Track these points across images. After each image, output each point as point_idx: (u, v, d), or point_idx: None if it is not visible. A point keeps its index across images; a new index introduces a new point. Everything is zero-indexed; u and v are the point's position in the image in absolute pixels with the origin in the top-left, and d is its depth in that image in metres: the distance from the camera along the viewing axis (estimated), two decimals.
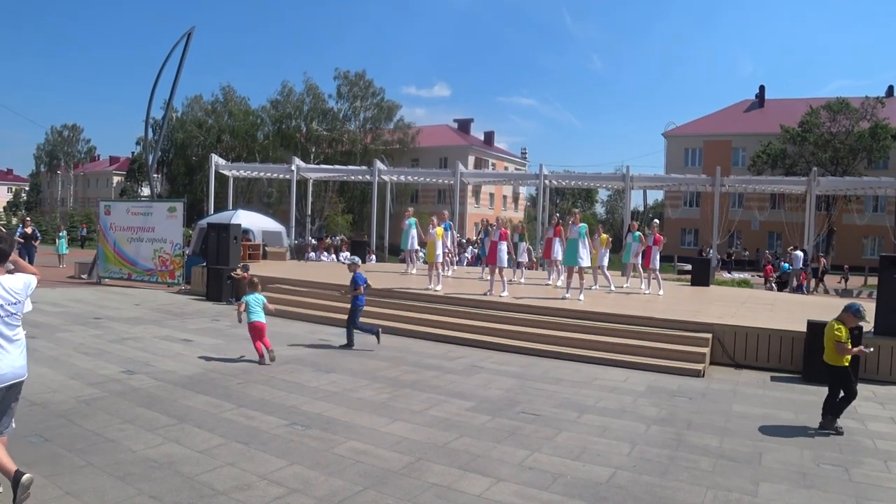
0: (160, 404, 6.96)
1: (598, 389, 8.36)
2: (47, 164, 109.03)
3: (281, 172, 37.86)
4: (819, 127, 48.92)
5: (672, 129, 60.60)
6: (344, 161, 60.13)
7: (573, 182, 39.83)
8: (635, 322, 11.16)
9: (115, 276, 20.47)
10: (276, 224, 26.55)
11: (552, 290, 15.29)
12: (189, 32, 23.19)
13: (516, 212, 77.43)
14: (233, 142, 70.50)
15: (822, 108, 49.44)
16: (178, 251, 19.19)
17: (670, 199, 56.39)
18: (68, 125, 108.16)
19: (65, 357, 9.24)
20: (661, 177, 40.22)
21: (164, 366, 8.86)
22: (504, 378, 8.82)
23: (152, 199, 31.29)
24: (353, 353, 10.34)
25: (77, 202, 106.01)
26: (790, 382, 9.34)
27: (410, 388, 8.06)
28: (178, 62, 23.96)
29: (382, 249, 34.17)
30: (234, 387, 7.81)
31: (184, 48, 23.33)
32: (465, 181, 38.28)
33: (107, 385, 7.68)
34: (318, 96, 68.40)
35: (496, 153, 76.93)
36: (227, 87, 74.81)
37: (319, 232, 42.37)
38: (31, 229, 20.79)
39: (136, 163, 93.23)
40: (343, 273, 18.55)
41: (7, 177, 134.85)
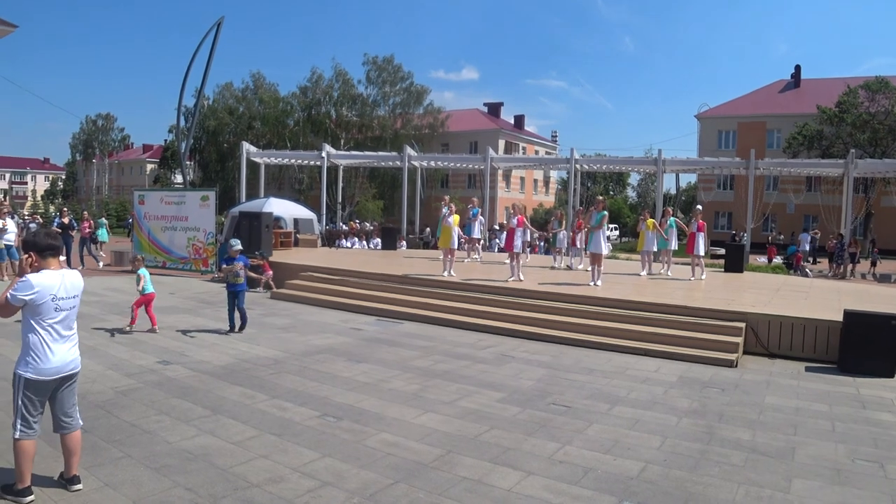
0: (195, 395, 7.08)
1: (630, 380, 8.32)
2: (82, 153, 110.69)
3: (311, 159, 38.06)
4: (857, 107, 47.73)
5: (705, 111, 59.67)
6: (374, 146, 60.26)
7: (604, 166, 39.50)
8: (667, 311, 11.07)
9: (150, 265, 20.68)
10: (307, 211, 26.74)
11: (583, 277, 15.20)
12: (219, 22, 23.41)
13: (547, 195, 77.04)
14: (263, 129, 70.94)
15: (861, 87, 48.20)
16: (211, 239, 19.42)
17: (703, 183, 55.62)
18: (102, 114, 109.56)
19: (102, 347, 9.42)
20: (693, 160, 39.64)
21: (198, 356, 9.00)
22: (535, 368, 8.82)
23: (185, 186, 31.73)
24: (386, 342, 10.40)
25: (112, 190, 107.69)
26: (825, 373, 9.21)
27: (441, 378, 8.09)
28: (209, 52, 24.19)
29: (413, 234, 34.23)
30: (267, 377, 7.91)
31: (214, 38, 23.54)
32: (495, 166, 38.20)
33: (143, 376, 7.82)
34: (347, 82, 68.49)
35: (526, 137, 76.48)
36: (257, 73, 75.18)
37: (350, 217, 42.53)
38: (69, 219, 21.11)
39: (168, 150, 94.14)
40: (373, 260, 18.79)
41: (44, 166, 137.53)
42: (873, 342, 9.17)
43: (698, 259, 15.94)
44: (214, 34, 23.51)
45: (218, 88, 74.34)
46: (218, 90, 74.12)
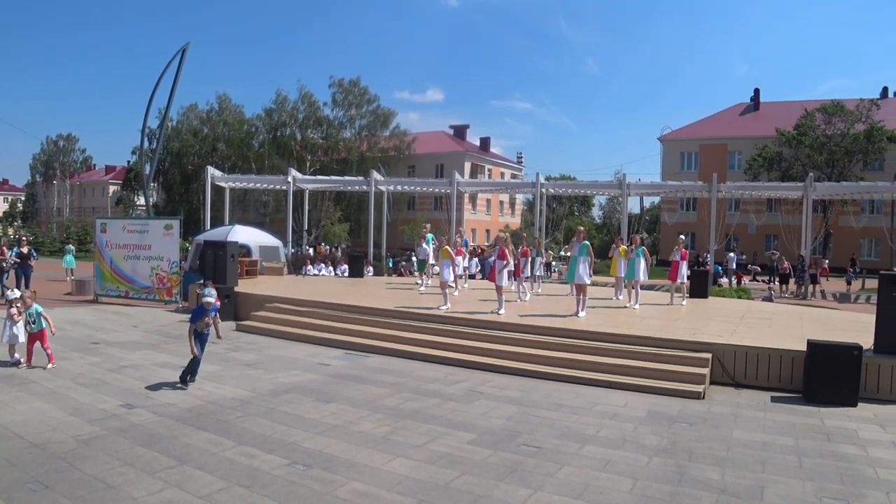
0: (160, 443, 6.93)
1: (599, 416, 8.34)
2: (43, 174, 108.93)
3: (277, 184, 37.87)
4: (814, 130, 49.02)
5: (668, 134, 60.72)
6: (340, 169, 60.24)
7: (569, 190, 39.89)
8: (635, 342, 11.14)
9: (113, 294, 20.43)
10: (272, 238, 26.53)
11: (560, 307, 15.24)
12: (184, 48, 23.24)
13: (513, 217, 77.52)
14: (228, 150, 70.65)
15: (817, 110, 49.55)
16: (175, 269, 19.16)
17: (666, 204, 56.51)
18: (63, 135, 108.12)
19: (63, 390, 9.19)
20: (657, 184, 40.26)
21: (163, 398, 8.83)
22: (504, 405, 8.80)
23: (148, 209, 31.30)
24: (354, 378, 10.31)
25: (73, 212, 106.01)
26: (791, 403, 9.34)
27: (411, 418, 8.02)
28: (174, 76, 24.01)
29: (380, 259, 34.14)
30: (234, 421, 7.78)
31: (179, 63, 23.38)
32: (461, 190, 38.33)
33: (106, 422, 7.64)
34: (312, 104, 68.50)
35: (492, 159, 77.04)
36: (223, 95, 74.85)
37: (317, 241, 42.31)
38: (27, 249, 20.67)
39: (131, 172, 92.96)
40: (341, 289, 18.65)
41: (3, 187, 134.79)
42: (836, 372, 9.34)
43: (683, 285, 16.94)
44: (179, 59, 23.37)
45: (182, 109, 73.91)
46: (182, 111, 73.70)
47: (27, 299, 10.64)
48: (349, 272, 25.36)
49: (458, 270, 18.06)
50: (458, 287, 18.29)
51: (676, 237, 18.11)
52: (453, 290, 17.49)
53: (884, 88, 58.65)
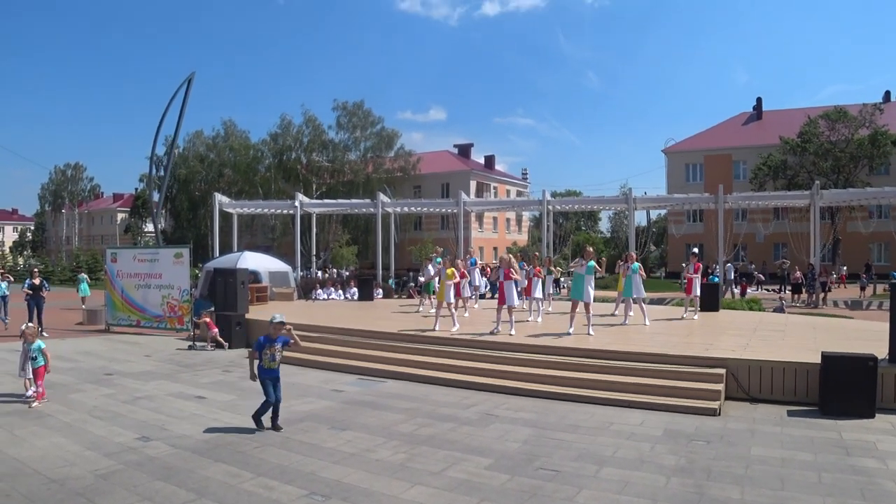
0: (178, 476, 6.93)
1: (615, 436, 8.32)
2: (52, 203, 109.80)
3: (284, 208, 38.04)
4: (818, 136, 49.03)
5: (672, 146, 60.81)
6: (346, 191, 60.52)
7: (576, 206, 39.95)
8: (648, 360, 11.13)
9: (124, 323, 20.55)
10: (281, 264, 26.63)
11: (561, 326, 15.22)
12: (190, 78, 23.49)
13: (520, 234, 77.56)
14: (234, 176, 71.09)
15: (821, 117, 49.60)
16: (186, 297, 19.24)
17: (673, 216, 56.49)
18: (71, 164, 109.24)
19: (79, 423, 9.22)
20: (663, 197, 40.28)
21: (179, 429, 8.84)
22: (520, 427, 8.78)
23: (157, 236, 31.54)
24: (369, 404, 10.31)
25: (82, 240, 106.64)
26: (807, 417, 9.28)
27: (427, 444, 8.01)
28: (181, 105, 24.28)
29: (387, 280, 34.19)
30: (251, 451, 7.79)
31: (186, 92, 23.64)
32: (468, 209, 38.40)
33: (123, 455, 7.65)
34: (317, 128, 69.01)
35: (497, 176, 77.22)
36: (228, 121, 75.62)
37: (325, 264, 42.43)
38: (39, 280, 20.77)
39: (139, 199, 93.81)
40: (351, 314, 18.68)
41: (12, 217, 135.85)
42: (852, 384, 9.29)
43: (696, 299, 17.06)
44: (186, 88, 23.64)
45: (189, 136, 74.51)
46: (189, 138, 74.34)
47: (28, 335, 10.60)
48: (359, 295, 25.40)
49: (467, 292, 18.07)
50: (468, 308, 18.29)
51: (685, 249, 18.24)
52: (463, 311, 17.50)
53: (886, 92, 58.66)
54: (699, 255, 18.48)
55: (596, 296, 14.40)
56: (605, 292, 19.63)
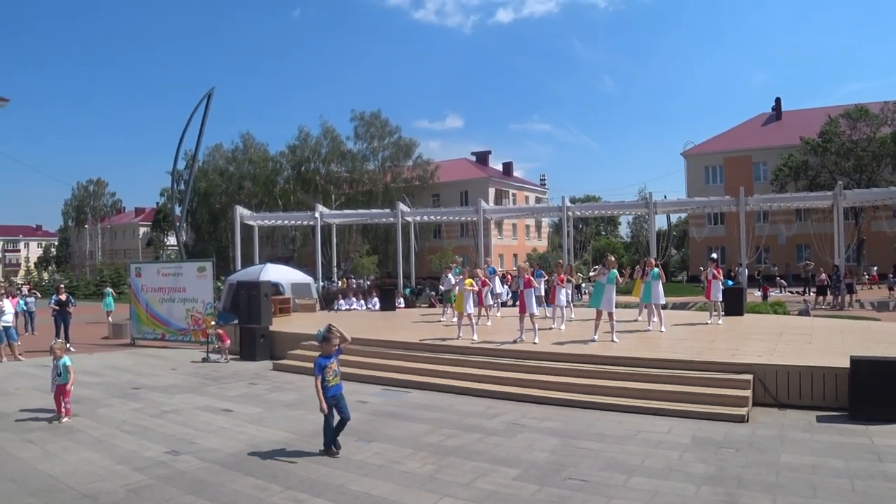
0: (207, 490, 6.98)
1: (643, 445, 8.27)
2: (75, 219, 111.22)
3: (304, 220, 38.27)
4: (840, 136, 48.48)
5: (690, 149, 60.42)
6: (365, 201, 60.74)
7: (596, 211, 39.83)
8: (674, 366, 11.06)
9: (149, 337, 20.75)
10: (303, 276, 26.75)
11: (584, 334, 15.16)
12: (209, 93, 23.74)
13: (540, 240, 77.36)
14: (254, 188, 71.64)
15: (841, 116, 49.04)
16: (210, 310, 19.39)
17: (694, 220, 56.04)
18: (93, 180, 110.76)
19: (108, 438, 9.32)
20: (684, 201, 40.02)
21: (207, 443, 8.91)
22: (547, 437, 8.76)
23: (181, 250, 31.87)
24: (394, 415, 10.32)
25: (105, 255, 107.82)
26: (837, 422, 9.18)
27: (454, 455, 8.02)
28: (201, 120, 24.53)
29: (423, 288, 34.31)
30: (280, 465, 7.83)
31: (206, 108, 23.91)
32: (488, 217, 38.40)
33: (153, 470, 7.72)
34: (335, 139, 69.41)
35: (516, 183, 77.16)
36: (247, 134, 76.25)
37: (346, 275, 42.59)
38: (66, 296, 21.03)
39: (161, 213, 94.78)
40: (374, 324, 18.71)
41: (37, 233, 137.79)
42: (882, 388, 9.17)
43: (716, 304, 16.83)
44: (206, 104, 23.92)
45: (208, 150, 75.11)
46: (208, 152, 74.92)
47: (56, 350, 10.75)
48: (380, 305, 25.46)
49: (489, 300, 18.04)
50: (490, 317, 18.27)
51: (706, 252, 18.15)
52: (485, 319, 17.49)
53: None
54: (718, 259, 18.37)
55: (617, 301, 14.32)
56: (626, 297, 19.52)
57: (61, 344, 11.15)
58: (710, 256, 18.08)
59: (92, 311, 32.67)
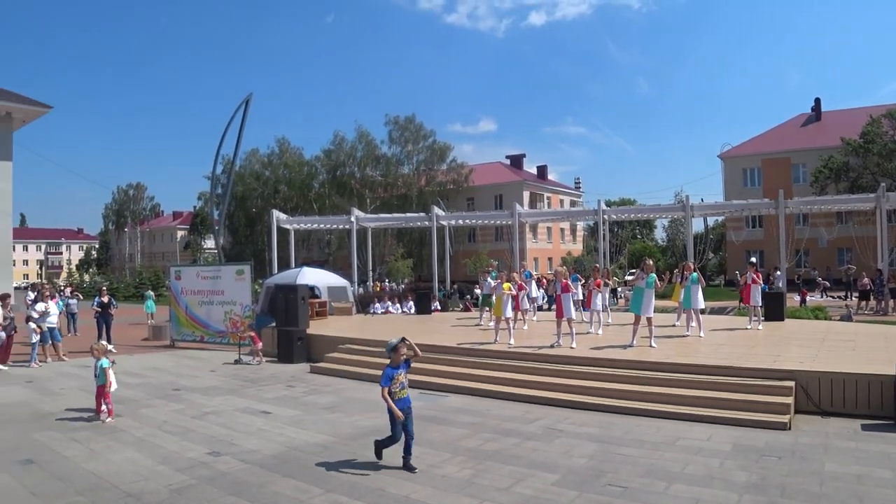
0: (249, 491, 7.06)
1: (683, 451, 8.19)
2: (115, 222, 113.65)
3: (340, 223, 38.53)
4: (882, 136, 47.41)
5: (728, 151, 59.64)
6: (399, 205, 61.04)
7: (632, 215, 39.53)
8: (713, 372, 10.92)
9: (188, 339, 21.06)
10: (339, 279, 26.94)
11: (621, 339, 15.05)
12: (247, 100, 24.07)
13: (575, 244, 76.96)
14: (290, 192, 72.44)
15: (883, 116, 47.99)
16: (248, 313, 19.60)
17: (732, 223, 55.30)
18: (133, 184, 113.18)
19: (151, 438, 9.48)
20: (721, 204, 39.53)
21: (247, 444, 9.02)
22: (585, 442, 8.72)
23: (220, 253, 32.35)
24: (432, 419, 10.32)
25: (144, 257, 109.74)
26: (883, 431, 8.99)
27: (493, 460, 8.01)
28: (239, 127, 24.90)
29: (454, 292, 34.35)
30: (319, 467, 7.89)
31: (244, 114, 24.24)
32: (523, 221, 38.30)
33: (195, 470, 7.84)
34: (370, 143, 69.96)
35: (550, 186, 76.90)
36: (282, 139, 77.20)
37: (380, 278, 42.80)
38: (108, 298, 21.48)
39: (198, 216, 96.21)
40: (410, 327, 18.75)
41: (78, 236, 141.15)
42: None
43: (756, 309, 16.64)
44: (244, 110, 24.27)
45: (245, 155, 76.14)
46: (245, 156, 75.92)
47: (95, 351, 10.95)
48: (416, 309, 25.55)
49: (525, 304, 17.99)
50: (527, 321, 18.21)
51: (745, 256, 17.88)
52: (522, 323, 17.44)
53: None
54: (757, 263, 18.12)
55: (655, 306, 14.19)
56: (664, 302, 19.32)
57: (100, 345, 11.35)
58: (750, 260, 17.83)
59: (132, 312, 33.26)
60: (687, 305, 15.65)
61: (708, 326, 15.92)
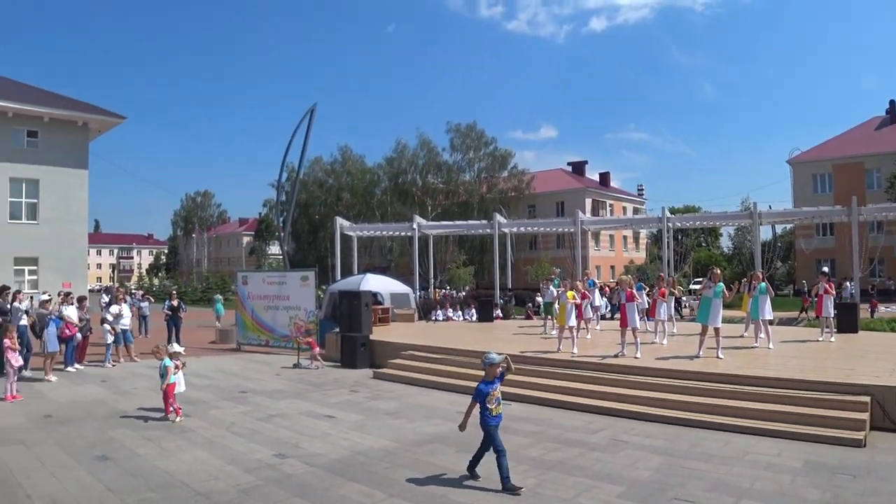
0: (314, 494, 7.17)
1: (752, 467, 7.99)
2: (183, 228, 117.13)
3: (403, 231, 38.79)
4: None
5: (797, 156, 57.97)
6: (461, 212, 61.26)
7: (697, 222, 38.76)
8: (783, 385, 10.63)
9: (254, 343, 21.51)
10: (402, 285, 27.11)
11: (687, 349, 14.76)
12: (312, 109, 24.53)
13: (638, 252, 75.90)
14: (352, 199, 73.43)
15: None
16: (312, 318, 19.92)
17: (801, 230, 53.71)
18: (201, 191, 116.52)
19: (219, 439, 9.72)
20: (791, 211, 38.44)
21: (312, 448, 9.16)
22: (650, 454, 8.58)
23: (285, 259, 33.00)
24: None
25: (211, 262, 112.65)
26: None
27: (556, 470, 7.97)
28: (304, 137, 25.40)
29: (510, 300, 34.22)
30: (382, 472, 7.97)
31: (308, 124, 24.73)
32: (585, 228, 37.95)
33: (262, 472, 8.00)
34: (431, 150, 70.43)
35: (613, 193, 76.11)
36: (345, 147, 78.45)
37: (441, 285, 42.94)
38: (177, 302, 22.13)
39: (263, 223, 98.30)
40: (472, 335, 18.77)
41: (148, 241, 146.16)
42: None
43: (828, 321, 16.19)
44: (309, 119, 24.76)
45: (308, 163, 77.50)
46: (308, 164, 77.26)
47: (157, 353, 11.43)
48: (478, 316, 25.55)
49: (589, 313, 17.82)
50: (590, 330, 18.05)
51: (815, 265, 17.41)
52: (585, 332, 17.29)
53: None
54: (829, 273, 17.60)
55: (723, 316, 13.89)
56: (731, 312, 18.91)
57: (161, 348, 11.75)
58: (822, 270, 17.34)
59: (199, 316, 34.15)
60: (755, 316, 15.29)
61: (777, 338, 15.49)
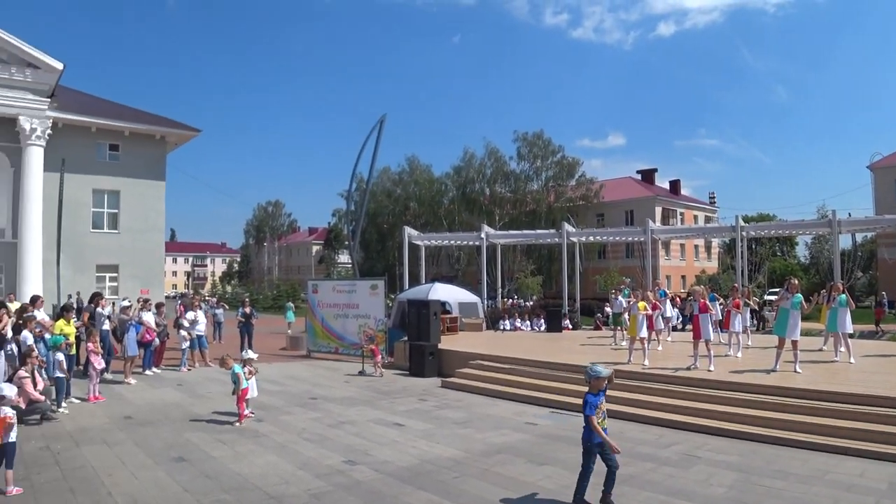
0: (383, 501, 7.25)
1: (832, 487, 7.70)
2: (255, 237, 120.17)
3: (470, 240, 38.82)
4: None
5: (878, 161, 55.76)
6: (528, 221, 61.03)
7: (772, 231, 37.65)
8: (865, 402, 10.20)
9: (324, 350, 21.87)
10: (470, 295, 27.13)
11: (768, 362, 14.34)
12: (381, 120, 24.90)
13: (710, 261, 74.17)
14: (419, 209, 73.98)
15: None
16: (382, 326, 20.13)
17: (883, 239, 51.55)
18: (272, 201, 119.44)
19: (291, 444, 9.91)
20: (872, 219, 36.85)
21: (381, 455, 9.26)
22: (724, 471, 8.37)
23: (355, 268, 33.52)
24: (563, 439, 10.21)
25: (281, 271, 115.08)
26: None
27: (627, 484, 7.84)
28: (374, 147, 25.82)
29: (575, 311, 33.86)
30: (451, 481, 8.00)
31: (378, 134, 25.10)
32: (655, 237, 37.30)
33: (332, 477, 8.12)
34: (499, 159, 70.48)
35: (683, 202, 74.67)
36: (412, 157, 79.35)
37: (510, 294, 42.81)
38: (250, 309, 22.67)
39: (332, 232, 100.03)
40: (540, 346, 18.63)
41: (221, 250, 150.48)
42: None
43: None
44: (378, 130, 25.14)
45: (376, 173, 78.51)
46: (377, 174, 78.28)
47: (226, 363, 11.82)
48: (546, 326, 25.39)
49: (660, 324, 17.52)
50: (661, 341, 17.73)
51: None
52: (656, 344, 17.00)
53: None
54: None
55: (802, 328, 13.43)
56: (809, 324, 18.28)
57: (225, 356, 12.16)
58: None
59: (271, 323, 34.94)
60: (832, 329, 14.71)
61: (859, 352, 14.90)
